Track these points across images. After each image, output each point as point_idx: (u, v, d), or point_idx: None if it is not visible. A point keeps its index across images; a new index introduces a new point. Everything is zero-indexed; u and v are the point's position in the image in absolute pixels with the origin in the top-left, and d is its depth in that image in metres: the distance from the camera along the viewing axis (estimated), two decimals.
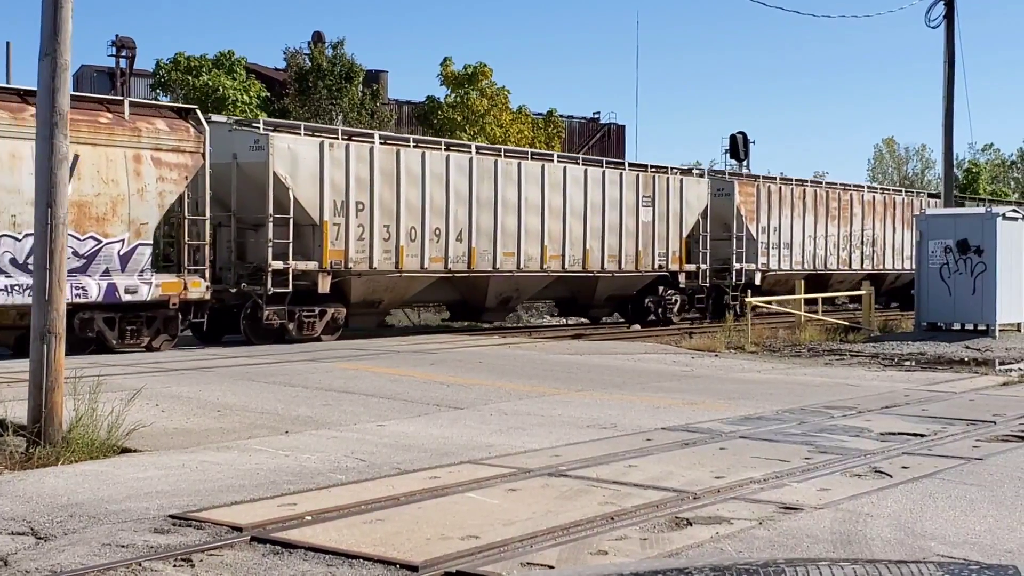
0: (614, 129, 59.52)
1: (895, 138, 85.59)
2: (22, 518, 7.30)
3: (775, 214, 32.38)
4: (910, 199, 39.05)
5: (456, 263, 23.90)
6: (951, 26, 29.52)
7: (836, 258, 34.84)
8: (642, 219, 28.03)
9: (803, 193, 33.79)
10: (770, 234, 32.19)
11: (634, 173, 28.23)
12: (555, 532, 6.98)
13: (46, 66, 9.77)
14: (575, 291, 28.10)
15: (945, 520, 7.47)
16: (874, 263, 36.37)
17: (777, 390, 14.86)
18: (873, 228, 36.44)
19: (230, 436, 10.62)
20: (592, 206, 26.77)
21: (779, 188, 32.97)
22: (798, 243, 33.25)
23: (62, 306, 9.85)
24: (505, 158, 25.24)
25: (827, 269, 34.38)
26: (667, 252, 28.79)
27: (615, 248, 27.40)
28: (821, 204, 34.33)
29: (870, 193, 37.31)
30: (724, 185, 31.32)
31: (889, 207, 37.62)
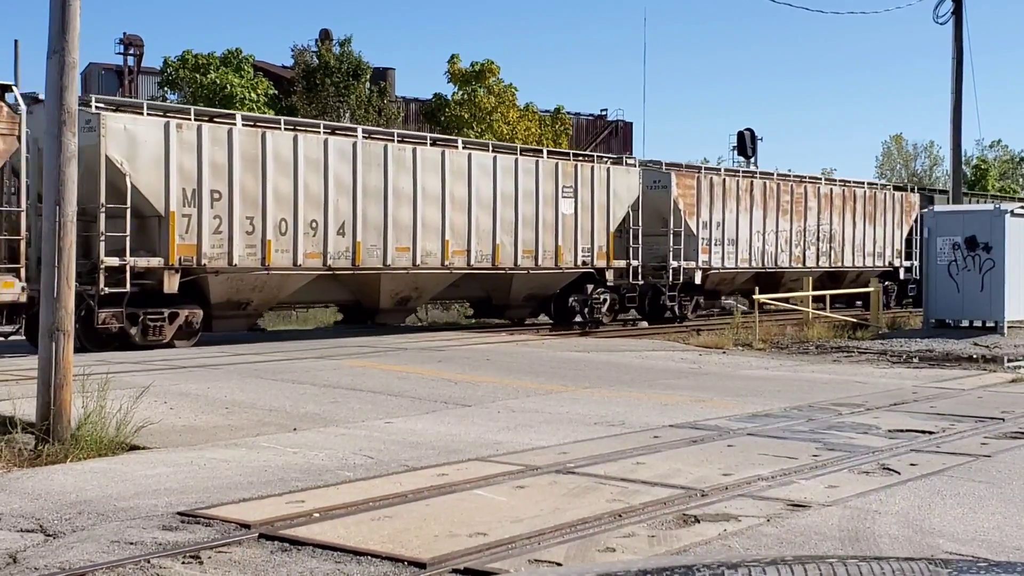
0: (621, 126, 59.52)
1: (903, 135, 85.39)
2: (31, 515, 7.32)
3: (718, 208, 29.94)
4: (873, 192, 36.26)
5: (338, 259, 21.43)
6: (959, 22, 29.45)
7: (788, 255, 32.24)
8: (563, 211, 25.70)
9: (750, 186, 31.20)
10: (712, 229, 29.81)
11: (552, 161, 25.82)
12: (563, 529, 6.98)
13: (54, 64, 9.79)
14: (489, 290, 26.08)
15: (953, 517, 7.46)
16: (831, 260, 33.92)
17: (785, 387, 14.84)
18: (831, 223, 33.86)
19: (238, 433, 10.63)
20: (503, 197, 24.39)
21: (723, 180, 30.42)
22: (745, 239, 30.78)
23: (71, 304, 9.87)
24: (398, 143, 22.77)
25: (778, 267, 31.94)
26: (592, 247, 26.44)
27: (530, 243, 25.05)
28: (771, 197, 31.76)
29: (827, 186, 34.67)
30: (660, 176, 28.99)
31: (849, 200, 34.82)
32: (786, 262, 32.13)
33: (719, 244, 30.01)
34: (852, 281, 34.99)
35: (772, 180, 32.17)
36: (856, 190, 35.34)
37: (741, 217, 30.58)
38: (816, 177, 35.74)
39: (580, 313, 27.04)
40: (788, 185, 32.62)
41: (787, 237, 32.26)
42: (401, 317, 24.74)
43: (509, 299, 26.05)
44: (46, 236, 9.89)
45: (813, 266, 32.79)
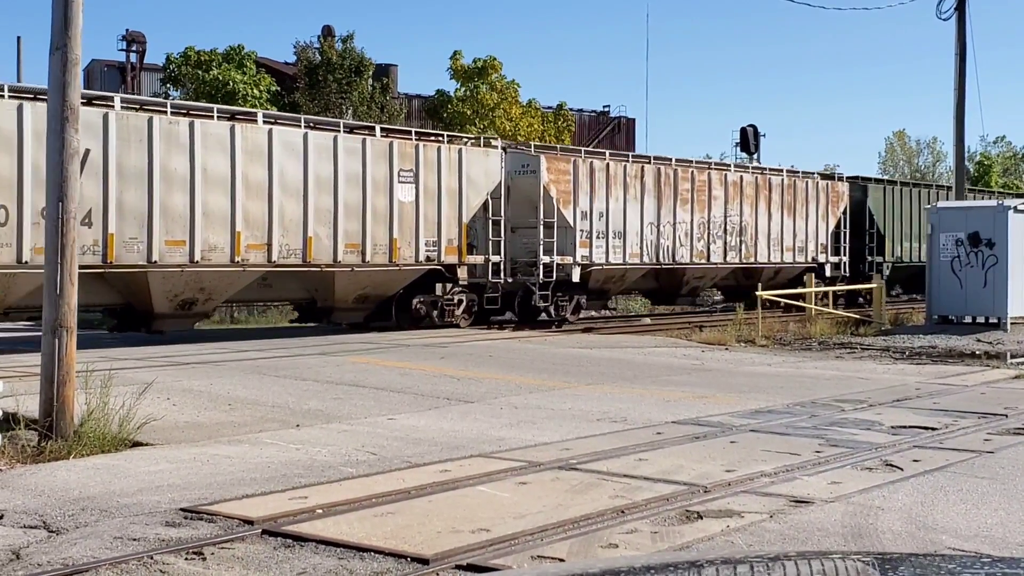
0: (624, 123, 59.46)
1: (906, 131, 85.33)
2: (34, 511, 7.33)
3: (600, 196, 26.44)
4: (792, 181, 32.50)
5: (83, 254, 16.80)
6: (962, 18, 29.40)
7: (689, 250, 28.81)
8: (399, 199, 22.10)
9: (641, 172, 27.67)
10: (594, 221, 26.31)
11: (386, 141, 22.13)
12: (566, 525, 6.98)
13: (57, 60, 9.79)
14: (313, 291, 22.30)
15: (956, 513, 7.46)
16: (743, 256, 30.47)
17: (787, 384, 14.84)
18: (741, 214, 30.22)
19: (241, 430, 10.64)
20: (318, 181, 20.83)
21: (607, 165, 26.87)
22: (635, 232, 27.35)
23: (74, 300, 9.88)
24: (169, 116, 19.11)
25: (676, 263, 28.55)
26: (439, 241, 22.91)
27: (355, 236, 21.41)
28: (667, 185, 28.20)
29: (737, 173, 31.08)
30: (528, 160, 25.38)
31: (763, 189, 31.21)
32: (686, 257, 28.77)
33: (602, 237, 26.53)
34: (770, 279, 32.12)
35: (669, 166, 28.79)
36: (772, 178, 31.83)
37: (630, 207, 27.18)
38: (723, 164, 32.85)
39: (429, 316, 23.50)
40: (688, 172, 29.09)
41: (687, 230, 28.74)
42: (187, 323, 20.69)
43: (335, 301, 22.19)
44: (48, 233, 9.90)
45: (720, 262, 29.81)
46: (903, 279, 38.24)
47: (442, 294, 23.70)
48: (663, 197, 28.12)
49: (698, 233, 29.14)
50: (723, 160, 44.73)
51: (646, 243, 27.73)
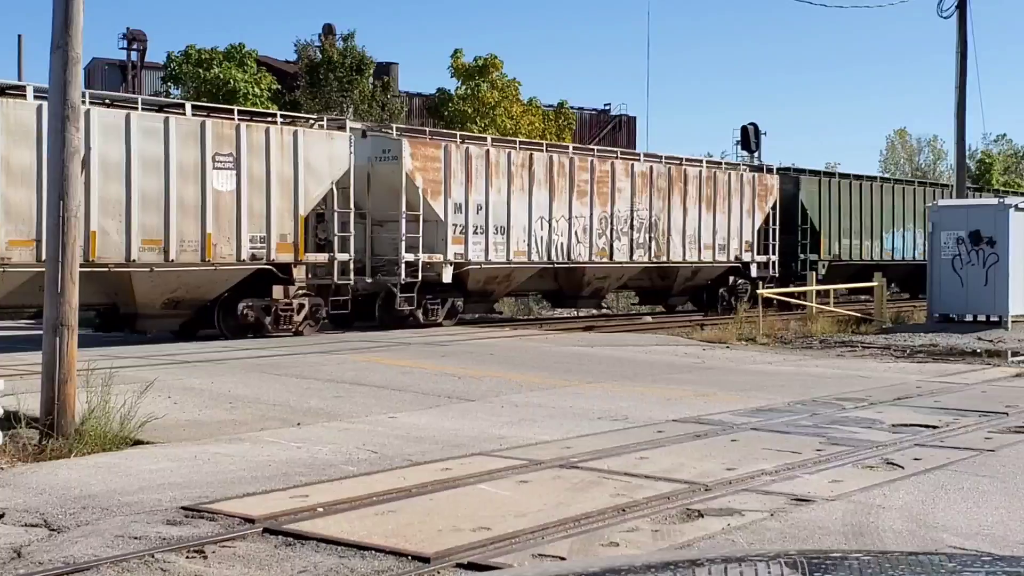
0: (625, 121, 59.45)
1: (907, 129, 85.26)
2: (35, 510, 7.33)
3: (479, 187, 23.67)
4: (713, 172, 29.67)
5: None
6: (963, 16, 29.38)
7: (588, 247, 25.97)
8: (216, 188, 19.16)
9: (529, 160, 24.77)
10: (470, 214, 23.51)
11: (196, 120, 19.27)
12: (566, 524, 6.98)
13: (58, 59, 9.80)
14: (111, 294, 18.94)
15: (957, 512, 7.46)
16: (653, 254, 27.73)
17: (788, 382, 14.84)
18: (651, 208, 27.48)
19: (242, 428, 10.64)
20: (105, 167, 17.80)
21: (486, 152, 23.92)
22: (522, 227, 24.55)
23: (75, 299, 9.89)
24: None
25: (573, 261, 25.77)
26: (268, 237, 19.97)
27: (156, 231, 18.49)
28: (562, 175, 25.36)
29: (646, 163, 28.03)
30: (389, 145, 22.66)
31: (677, 181, 28.29)
32: (585, 255, 25.97)
33: (480, 233, 23.74)
34: (688, 280, 29.83)
35: (564, 154, 26.00)
36: (688, 169, 28.99)
37: (516, 199, 24.36)
38: (632, 152, 29.82)
39: (259, 323, 20.38)
40: (587, 161, 26.18)
41: (585, 225, 25.91)
42: None
43: (138, 306, 19.08)
44: (49, 231, 9.90)
45: (625, 261, 27.13)
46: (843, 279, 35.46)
47: (279, 298, 20.48)
48: (556, 188, 25.34)
49: (599, 229, 26.34)
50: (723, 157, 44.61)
51: (536, 240, 24.94)
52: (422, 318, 23.27)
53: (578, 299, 28.02)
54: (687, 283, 30.08)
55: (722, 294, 30.72)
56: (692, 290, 31.05)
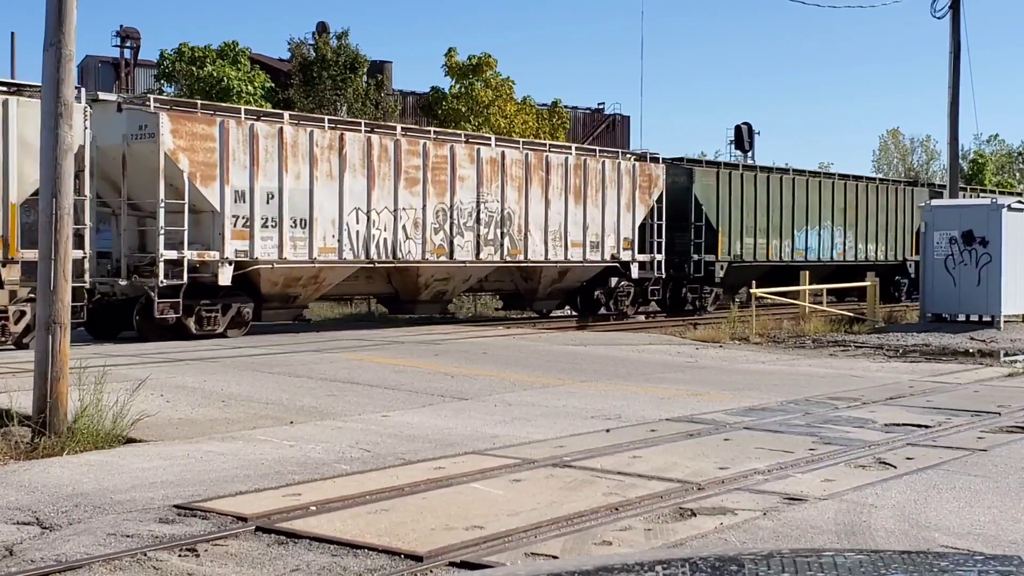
0: (619, 120, 59.46)
1: (900, 129, 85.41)
2: (27, 508, 7.32)
3: (270, 172, 20.19)
4: (583, 160, 26.24)
5: None
6: (956, 16, 29.43)
7: (421, 244, 22.65)
8: None
9: (339, 142, 21.31)
10: (258, 204, 19.97)
11: None
12: (559, 523, 6.98)
13: (51, 56, 9.78)
14: None
15: (949, 511, 7.47)
16: (507, 252, 24.37)
17: (781, 381, 14.85)
18: (503, 200, 24.19)
19: (235, 426, 10.63)
20: None
21: (279, 131, 20.42)
22: (330, 220, 21.17)
23: (67, 296, 9.87)
24: None
25: (401, 260, 22.51)
26: None
27: None
28: (384, 160, 21.89)
29: (498, 148, 24.51)
30: (146, 120, 18.99)
31: (538, 169, 24.94)
32: (417, 253, 22.65)
33: (272, 226, 20.28)
34: (555, 281, 26.55)
35: (389, 136, 22.42)
36: (552, 156, 25.51)
37: (322, 187, 20.99)
38: (481, 136, 25.92)
39: None
40: (418, 145, 22.71)
41: (416, 218, 22.59)
42: None
43: None
44: (43, 229, 9.88)
45: (470, 260, 23.78)
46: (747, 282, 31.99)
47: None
48: (377, 175, 21.86)
49: (435, 223, 22.98)
50: (717, 157, 44.58)
51: (350, 235, 21.54)
52: (195, 328, 19.66)
53: (416, 304, 24.22)
54: (554, 285, 26.65)
55: (598, 297, 27.53)
56: (563, 293, 27.57)
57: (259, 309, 21.05)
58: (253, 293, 20.73)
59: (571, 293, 27.77)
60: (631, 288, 27.93)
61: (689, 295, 30.33)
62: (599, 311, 27.52)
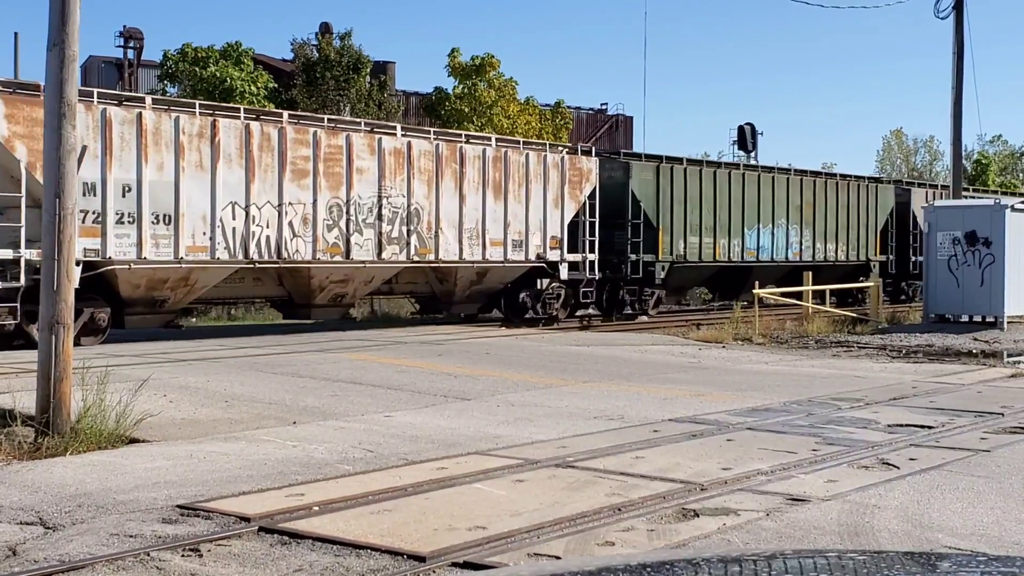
0: (622, 120, 59.48)
1: (903, 129, 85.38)
2: (31, 508, 7.32)
3: (126, 162, 18.22)
4: (503, 152, 23.99)
5: None
6: (960, 17, 29.41)
7: (312, 243, 20.67)
8: None
9: (211, 129, 19.24)
10: (111, 198, 18.04)
11: None
12: (562, 523, 6.98)
13: (54, 57, 9.79)
14: None
15: (952, 512, 7.47)
16: (414, 251, 22.32)
17: (784, 382, 14.85)
18: (410, 195, 22.09)
19: (238, 427, 10.64)
20: None
21: (137, 116, 18.39)
22: (200, 215, 19.09)
23: (71, 296, 9.88)
24: None
25: (287, 260, 20.40)
26: None
27: None
28: (267, 150, 19.93)
29: (404, 138, 22.42)
30: None
31: (451, 162, 22.90)
32: (306, 253, 20.68)
33: (131, 222, 18.31)
34: (473, 283, 24.35)
35: (273, 124, 20.40)
36: (467, 148, 23.42)
37: (190, 179, 18.93)
38: (386, 125, 23.82)
39: None
40: (307, 133, 20.72)
41: (307, 214, 20.60)
42: None
43: None
44: (46, 229, 9.89)
45: (371, 260, 21.77)
46: (692, 283, 32.11)
47: None
48: (258, 167, 19.83)
49: (328, 219, 20.97)
50: (720, 158, 44.48)
51: (225, 232, 19.52)
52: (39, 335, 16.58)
53: (312, 308, 22.10)
54: (473, 287, 24.43)
55: (524, 300, 25.36)
56: (485, 295, 25.19)
57: (120, 314, 19.10)
58: (112, 297, 18.82)
59: (494, 296, 25.54)
60: (562, 290, 26.01)
61: (627, 297, 28.27)
62: (526, 315, 25.46)
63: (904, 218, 37.07)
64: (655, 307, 29.18)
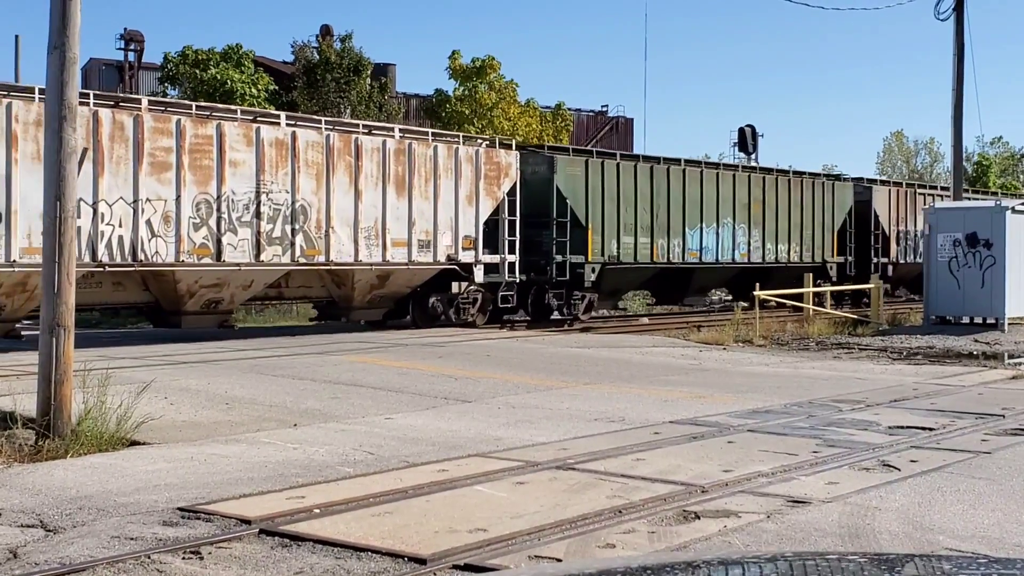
0: (622, 122, 59.48)
1: (904, 131, 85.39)
2: (31, 510, 7.32)
3: None
4: (406, 144, 22.13)
5: None
6: (960, 18, 29.42)
7: (174, 243, 18.66)
8: None
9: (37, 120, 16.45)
10: None
11: None
12: (563, 525, 6.98)
13: (55, 59, 9.79)
14: None
15: (953, 514, 7.46)
16: (300, 252, 20.39)
17: (785, 383, 14.84)
18: (294, 191, 20.13)
19: (239, 429, 10.64)
20: None
21: None
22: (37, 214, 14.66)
23: (71, 299, 9.88)
24: None
25: (144, 263, 18.43)
26: None
27: None
28: (120, 141, 17.97)
29: (289, 128, 20.43)
30: None
31: (344, 155, 20.97)
32: (168, 254, 18.63)
33: None
34: (375, 287, 22.30)
35: (129, 112, 18.30)
36: (363, 139, 21.47)
37: (25, 173, 16.87)
38: (268, 114, 21.57)
39: None
40: (169, 123, 18.67)
41: (168, 212, 18.55)
42: None
43: None
44: (46, 231, 9.90)
45: (247, 262, 19.67)
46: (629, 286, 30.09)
47: None
48: (108, 159, 17.92)
49: (195, 218, 18.91)
50: (720, 159, 44.39)
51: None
52: None
53: (182, 315, 19.91)
54: (375, 292, 22.43)
55: (434, 305, 23.43)
56: (390, 300, 23.17)
57: None
58: None
59: (402, 300, 23.46)
60: (479, 294, 24.09)
61: (554, 301, 26.27)
62: (437, 321, 23.64)
63: (865, 217, 34.98)
64: (586, 312, 27.27)
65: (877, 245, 35.26)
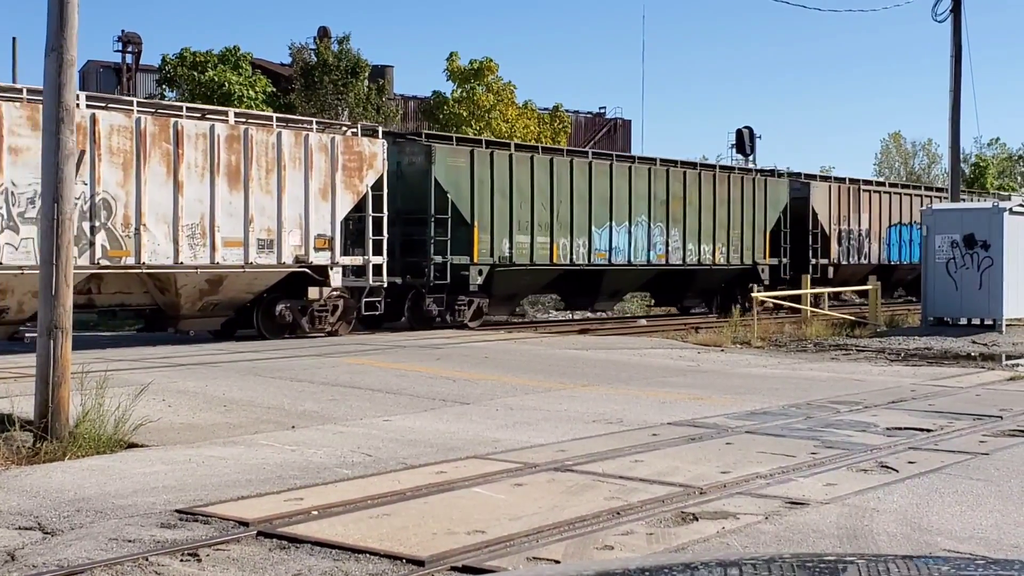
0: (620, 124, 59.52)
1: (902, 133, 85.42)
2: (29, 513, 7.31)
3: None
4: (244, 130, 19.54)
5: None
6: (958, 20, 29.45)
7: None
8: None
9: None
10: None
11: None
12: (561, 527, 6.98)
13: (52, 61, 9.79)
14: None
15: (951, 515, 7.46)
16: (100, 254, 17.84)
17: (783, 385, 14.84)
18: (95, 182, 17.63)
19: (236, 431, 10.63)
20: None
21: None
22: None
23: (69, 301, 9.87)
24: None
25: None
26: None
27: None
28: None
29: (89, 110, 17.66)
30: None
31: (160, 141, 18.41)
32: None
33: None
34: (206, 293, 19.54)
35: None
36: (185, 123, 18.88)
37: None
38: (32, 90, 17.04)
39: None
40: None
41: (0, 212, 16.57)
42: None
43: None
44: (44, 233, 9.89)
45: (30, 265, 15.98)
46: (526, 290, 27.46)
47: None
48: None
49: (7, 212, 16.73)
50: (718, 160, 44.36)
51: None
52: None
53: None
54: (207, 299, 19.65)
55: (282, 313, 20.73)
56: (230, 308, 20.30)
57: None
58: None
59: (245, 308, 20.59)
60: (341, 300, 21.48)
61: (433, 307, 23.74)
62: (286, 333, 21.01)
63: (802, 216, 32.85)
64: (475, 319, 24.86)
65: (816, 245, 33.22)
